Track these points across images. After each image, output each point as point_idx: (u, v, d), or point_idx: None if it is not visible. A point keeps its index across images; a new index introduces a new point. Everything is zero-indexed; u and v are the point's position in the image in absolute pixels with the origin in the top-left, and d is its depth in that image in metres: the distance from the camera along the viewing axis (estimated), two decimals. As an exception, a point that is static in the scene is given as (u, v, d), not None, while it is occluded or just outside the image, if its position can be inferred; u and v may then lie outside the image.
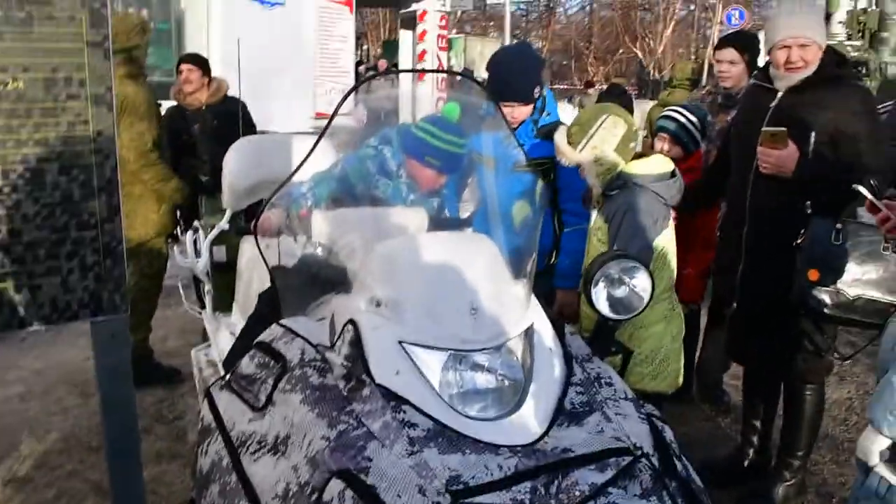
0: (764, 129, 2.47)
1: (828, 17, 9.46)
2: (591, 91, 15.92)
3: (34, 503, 2.91)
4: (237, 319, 3.27)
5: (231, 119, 4.24)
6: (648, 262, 2.36)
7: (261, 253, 2.13)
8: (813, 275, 2.33)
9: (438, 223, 2.31)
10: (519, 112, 2.73)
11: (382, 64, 15.37)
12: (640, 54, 30.75)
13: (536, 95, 2.76)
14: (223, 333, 3.25)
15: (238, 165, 3.26)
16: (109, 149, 2.01)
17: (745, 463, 3.03)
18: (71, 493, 2.97)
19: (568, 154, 2.42)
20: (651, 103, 6.94)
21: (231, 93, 4.54)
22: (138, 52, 3.71)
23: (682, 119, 2.87)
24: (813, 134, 2.44)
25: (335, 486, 1.39)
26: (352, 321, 1.69)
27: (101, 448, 3.26)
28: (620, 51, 32.72)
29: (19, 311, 1.97)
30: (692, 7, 32.54)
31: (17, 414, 3.65)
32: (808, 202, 2.40)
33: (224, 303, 3.50)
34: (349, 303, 1.79)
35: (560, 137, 2.45)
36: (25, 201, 1.91)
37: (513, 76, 2.71)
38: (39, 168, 1.92)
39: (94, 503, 2.91)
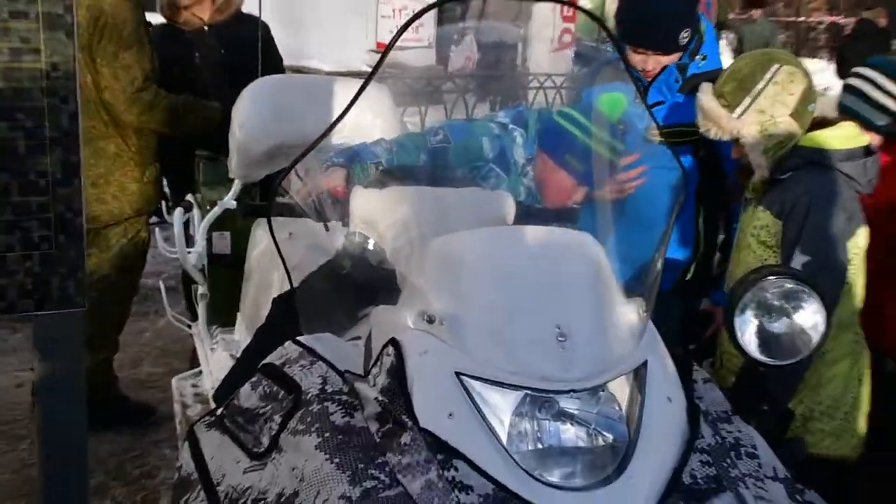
0: None
1: None
2: (755, 15, 15.26)
3: None
4: (241, 336, 3.41)
5: (245, 45, 4.36)
6: (840, 277, 2.47)
7: (275, 242, 2.27)
8: None
9: (530, 213, 2.43)
10: (655, 62, 2.86)
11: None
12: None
13: (683, 42, 2.86)
14: (220, 356, 3.40)
15: (253, 118, 3.41)
16: (68, 88, 2.15)
17: None
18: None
19: (722, 121, 2.52)
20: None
21: (247, 9, 4.67)
22: None
23: (871, 90, 2.90)
24: None
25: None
26: (394, 341, 1.82)
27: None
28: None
29: None
30: None
31: None
32: None
33: (224, 312, 3.66)
34: (392, 316, 1.92)
35: (707, 98, 2.54)
36: None
37: (651, 13, 2.82)
38: None
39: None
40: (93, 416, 3.93)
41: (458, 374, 1.74)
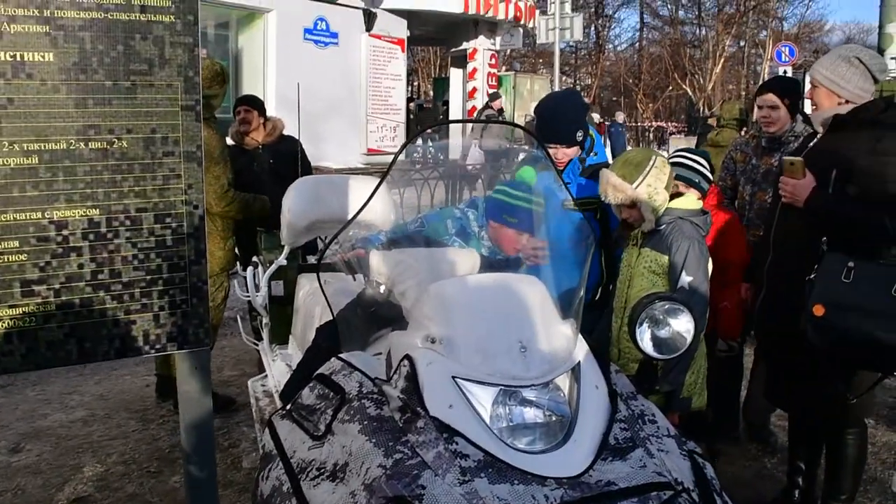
0: (784, 157, 2.58)
1: (881, 52, 9.35)
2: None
3: (97, 523, 3.08)
4: (293, 351, 3.39)
5: (287, 157, 4.40)
6: (707, 288, 2.49)
7: (322, 289, 2.25)
8: (818, 310, 2.32)
9: (490, 264, 2.41)
10: (563, 154, 2.88)
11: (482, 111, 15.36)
12: (689, 91, 30.65)
13: (580, 138, 2.90)
14: (279, 365, 3.37)
15: (297, 204, 3.39)
16: (198, 199, 2.22)
17: None
18: (131, 515, 3.12)
19: (625, 189, 2.53)
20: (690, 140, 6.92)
21: (289, 131, 4.69)
22: (216, 100, 3.89)
23: (689, 162, 2.88)
24: (834, 171, 2.47)
25: (391, 511, 1.47)
26: (408, 357, 1.79)
27: (159, 473, 3.44)
28: (670, 88, 32.66)
29: (115, 343, 2.16)
30: (742, 43, 32.38)
31: (80, 437, 3.85)
32: (824, 238, 2.42)
33: (280, 335, 3.62)
34: (405, 339, 1.89)
35: (613, 176, 2.56)
36: (125, 245, 2.13)
37: (556, 120, 2.86)
38: (138, 216, 2.14)
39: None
40: None
41: (454, 377, 1.72)
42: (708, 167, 2.85)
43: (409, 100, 16.56)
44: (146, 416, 4.10)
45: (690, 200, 2.69)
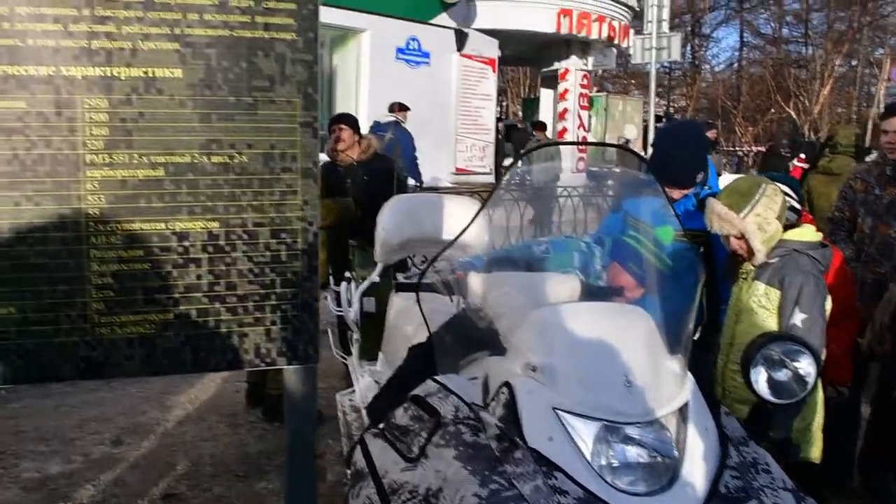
0: None
1: None
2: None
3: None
4: (382, 368, 3.40)
5: (380, 175, 4.48)
6: (824, 327, 2.35)
7: (421, 309, 2.24)
8: None
9: (591, 291, 2.35)
10: (679, 193, 2.74)
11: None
12: (793, 114, 29.43)
13: (698, 181, 2.76)
14: (367, 381, 3.40)
15: (392, 222, 3.41)
16: (313, 216, 2.25)
17: None
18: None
19: (732, 219, 2.42)
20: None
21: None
22: None
23: None
24: None
25: (486, 544, 1.44)
26: (507, 384, 1.75)
27: (246, 477, 3.54)
28: (772, 110, 31.46)
29: (228, 355, 2.21)
30: (854, 62, 30.80)
31: (175, 435, 4.02)
32: None
33: (369, 351, 3.64)
34: (504, 365, 1.85)
35: (720, 206, 2.45)
36: (241, 259, 2.18)
37: (675, 161, 2.73)
38: (255, 231, 2.18)
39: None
40: (280, 416, 3.99)
41: (554, 408, 1.67)
42: (796, 195, 2.72)
43: (497, 120, 16.58)
44: (236, 421, 4.22)
45: (808, 232, 2.54)
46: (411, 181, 8.31)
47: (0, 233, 1.99)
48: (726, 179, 2.86)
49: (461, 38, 13.90)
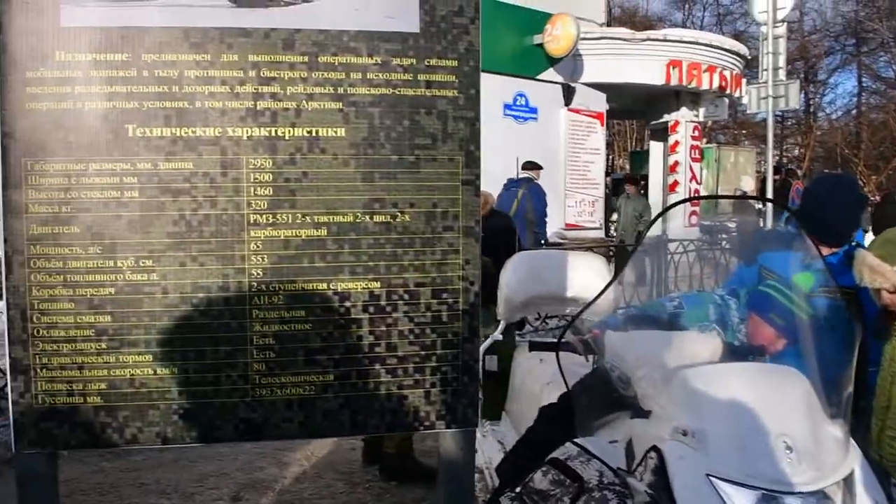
0: None
1: None
2: (630, 191, 12.85)
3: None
4: (507, 428, 3.37)
5: (497, 232, 4.51)
6: None
7: (560, 370, 2.22)
8: None
9: (733, 350, 2.26)
10: (825, 251, 2.59)
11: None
12: (920, 160, 27.59)
13: (852, 237, 2.63)
14: (490, 441, 3.36)
15: (515, 279, 3.41)
16: (475, 276, 2.21)
17: None
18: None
19: (884, 271, 2.28)
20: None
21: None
22: None
23: None
24: None
25: None
26: (655, 448, 1.71)
27: (365, 536, 3.53)
28: (896, 157, 29.64)
29: (386, 418, 2.17)
30: None
31: (292, 492, 4.04)
32: None
33: (492, 411, 3.60)
34: (650, 429, 1.81)
35: (869, 257, 2.32)
36: (402, 319, 2.14)
37: (830, 218, 2.60)
38: (416, 291, 2.15)
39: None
40: (398, 473, 4.04)
41: (708, 475, 1.61)
42: None
43: (606, 173, 16.44)
44: (352, 480, 4.22)
45: None
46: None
47: (165, 292, 2.04)
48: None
49: (568, 93, 13.97)
